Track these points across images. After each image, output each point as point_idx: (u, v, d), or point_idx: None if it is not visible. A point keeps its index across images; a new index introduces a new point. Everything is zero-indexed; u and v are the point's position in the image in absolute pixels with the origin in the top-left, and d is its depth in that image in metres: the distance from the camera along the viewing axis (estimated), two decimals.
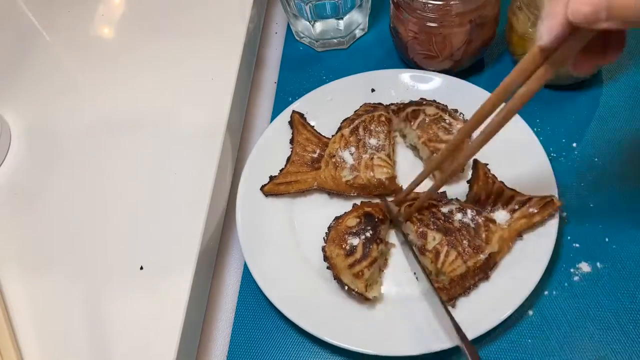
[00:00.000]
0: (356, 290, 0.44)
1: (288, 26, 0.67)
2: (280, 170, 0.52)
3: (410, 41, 0.55)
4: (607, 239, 0.47)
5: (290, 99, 0.60)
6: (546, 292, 0.45)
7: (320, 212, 0.50)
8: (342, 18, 0.60)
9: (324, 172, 0.51)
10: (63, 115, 0.56)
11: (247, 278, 0.49)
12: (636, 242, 0.46)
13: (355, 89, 0.56)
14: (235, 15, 0.61)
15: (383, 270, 0.47)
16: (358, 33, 0.64)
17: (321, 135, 0.54)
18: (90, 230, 0.48)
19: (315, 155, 0.53)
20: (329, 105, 0.56)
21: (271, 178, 0.52)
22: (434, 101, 0.53)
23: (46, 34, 0.64)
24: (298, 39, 0.66)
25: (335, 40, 0.63)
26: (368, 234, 0.45)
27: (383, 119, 0.52)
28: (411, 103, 0.53)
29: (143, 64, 0.59)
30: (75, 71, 0.60)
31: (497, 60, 0.60)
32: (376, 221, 0.46)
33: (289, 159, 0.53)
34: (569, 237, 0.47)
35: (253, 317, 0.47)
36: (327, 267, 0.46)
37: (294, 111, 0.55)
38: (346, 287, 0.44)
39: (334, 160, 0.51)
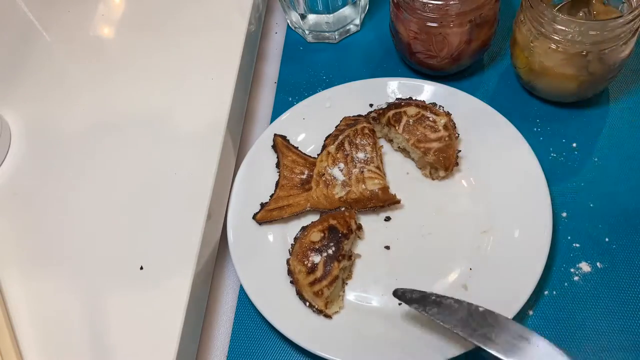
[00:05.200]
0: (316, 307, 0.45)
1: (288, 26, 0.67)
2: (271, 196, 0.51)
3: (410, 41, 0.55)
4: (607, 239, 0.47)
5: (290, 99, 0.60)
6: (546, 292, 0.45)
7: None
8: (332, 13, 0.61)
9: (315, 192, 0.50)
10: (63, 115, 0.56)
11: None
12: (636, 242, 0.46)
13: (350, 100, 0.56)
14: (236, 15, 0.61)
15: (347, 283, 0.47)
16: (352, 28, 0.64)
17: (307, 155, 0.54)
18: (90, 230, 0.48)
19: (304, 177, 0.52)
20: (324, 113, 0.56)
21: (262, 205, 0.51)
22: (411, 99, 0.54)
23: (46, 34, 0.64)
24: (293, 29, 0.66)
25: (327, 34, 0.64)
26: (330, 251, 0.45)
27: (367, 131, 0.52)
28: (390, 106, 0.53)
29: (143, 64, 0.59)
30: (75, 71, 0.60)
31: (496, 60, 0.60)
32: (340, 236, 0.46)
33: (277, 183, 0.52)
34: (569, 237, 0.47)
35: (253, 317, 0.47)
36: (290, 282, 0.46)
37: (276, 135, 0.55)
38: (307, 303, 0.45)
39: (324, 178, 0.50)
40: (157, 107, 0.55)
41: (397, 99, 0.54)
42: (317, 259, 0.45)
